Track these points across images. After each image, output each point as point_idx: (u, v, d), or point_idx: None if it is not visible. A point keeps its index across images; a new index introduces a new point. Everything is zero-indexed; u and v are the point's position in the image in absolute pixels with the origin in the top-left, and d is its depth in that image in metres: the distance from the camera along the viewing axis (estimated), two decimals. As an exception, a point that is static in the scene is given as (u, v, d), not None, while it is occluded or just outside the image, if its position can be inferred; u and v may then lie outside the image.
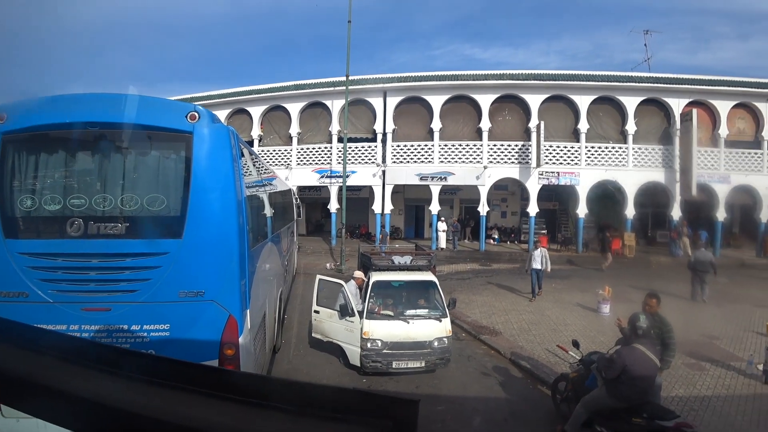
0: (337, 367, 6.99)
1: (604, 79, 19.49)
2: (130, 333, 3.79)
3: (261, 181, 6.76)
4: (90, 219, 3.75)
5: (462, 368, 7.22)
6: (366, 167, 20.48)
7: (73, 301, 3.70)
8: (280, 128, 21.97)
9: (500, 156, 19.88)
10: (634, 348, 4.49)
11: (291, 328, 8.75)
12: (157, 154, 4.13)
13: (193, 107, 4.04)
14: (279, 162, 21.37)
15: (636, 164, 19.61)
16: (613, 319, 9.50)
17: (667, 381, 5.88)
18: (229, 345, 3.92)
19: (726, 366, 7.17)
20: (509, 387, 6.57)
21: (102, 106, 3.89)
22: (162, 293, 3.80)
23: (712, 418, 5.52)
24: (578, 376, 5.42)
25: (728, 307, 11.00)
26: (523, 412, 5.86)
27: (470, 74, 20.28)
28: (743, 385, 6.51)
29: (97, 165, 4.03)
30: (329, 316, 7.00)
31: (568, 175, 19.54)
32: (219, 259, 3.99)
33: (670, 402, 5.53)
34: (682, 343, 6.58)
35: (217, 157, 4.06)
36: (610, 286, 10.94)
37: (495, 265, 17.67)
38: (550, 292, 12.42)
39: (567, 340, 6.91)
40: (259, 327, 4.98)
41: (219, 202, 4.02)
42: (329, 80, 21.10)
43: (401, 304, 7.18)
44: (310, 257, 17.66)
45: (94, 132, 3.87)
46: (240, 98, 22.16)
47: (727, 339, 8.54)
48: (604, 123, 19.88)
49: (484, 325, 9.37)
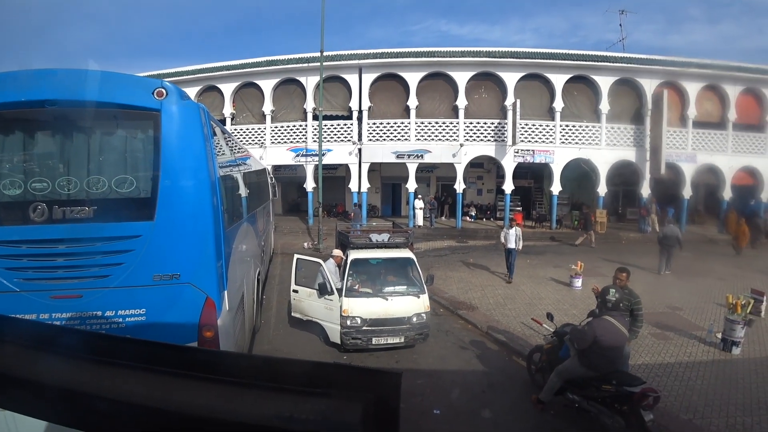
0: (317, 345, 7.04)
1: (580, 59, 19.71)
2: (104, 319, 3.67)
3: (235, 161, 6.58)
4: (54, 203, 3.56)
5: (440, 343, 7.38)
6: (342, 145, 20.24)
7: (41, 290, 3.54)
8: (253, 106, 21.34)
9: (476, 134, 19.95)
10: (604, 320, 4.70)
11: (270, 308, 8.73)
12: (124, 134, 3.94)
13: (160, 83, 3.84)
14: (253, 141, 20.84)
15: (609, 143, 20.05)
16: (585, 293, 9.89)
17: (634, 350, 6.18)
18: (207, 327, 3.87)
19: (688, 335, 7.60)
20: (486, 359, 6.77)
21: (61, 83, 3.64)
22: (136, 277, 3.69)
23: (675, 383, 5.87)
24: (552, 347, 5.64)
25: (692, 280, 11.57)
26: (499, 383, 6.07)
27: (447, 51, 20.09)
28: (703, 353, 6.93)
29: (59, 146, 3.80)
30: (308, 295, 7.00)
31: (543, 153, 19.83)
32: (194, 240, 3.89)
33: (636, 369, 5.83)
34: (648, 314, 6.93)
35: (188, 136, 3.90)
36: (583, 261, 11.32)
37: (471, 241, 17.96)
38: (524, 267, 12.75)
39: (541, 313, 7.14)
40: (237, 308, 4.93)
41: (191, 183, 3.88)
42: (303, 56, 20.51)
43: (380, 282, 7.24)
44: (288, 237, 17.52)
45: (54, 110, 3.63)
46: (210, 75, 21.32)
47: (690, 310, 9.02)
48: (579, 102, 20.16)
49: (461, 300, 9.57)
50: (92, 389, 0.54)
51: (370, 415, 0.51)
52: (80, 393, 0.54)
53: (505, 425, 5.06)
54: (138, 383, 0.58)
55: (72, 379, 0.57)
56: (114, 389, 0.56)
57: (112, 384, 0.57)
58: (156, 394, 0.55)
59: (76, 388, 0.54)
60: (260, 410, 0.51)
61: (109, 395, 0.55)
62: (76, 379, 0.56)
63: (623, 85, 20.05)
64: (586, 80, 19.89)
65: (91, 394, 0.54)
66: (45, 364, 0.61)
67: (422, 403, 5.39)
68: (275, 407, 0.51)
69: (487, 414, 5.29)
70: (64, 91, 3.61)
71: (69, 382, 0.56)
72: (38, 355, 0.63)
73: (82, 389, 0.55)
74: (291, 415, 0.49)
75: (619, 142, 20.14)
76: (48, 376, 0.58)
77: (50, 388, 0.56)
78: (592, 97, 20.13)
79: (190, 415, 0.51)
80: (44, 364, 0.61)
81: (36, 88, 3.59)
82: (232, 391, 0.55)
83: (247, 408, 0.52)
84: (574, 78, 19.71)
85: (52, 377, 0.57)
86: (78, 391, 0.54)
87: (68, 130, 3.77)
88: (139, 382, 0.58)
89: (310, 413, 0.49)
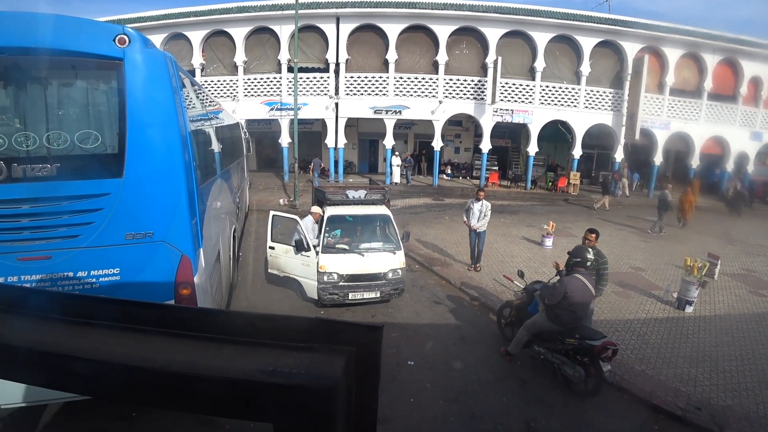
0: (294, 301, 7.15)
1: (565, 17, 19.31)
2: (77, 280, 3.59)
3: (206, 114, 6.32)
4: (13, 161, 3.35)
5: (415, 298, 7.61)
6: (318, 99, 19.64)
7: (6, 252, 3.41)
8: (224, 56, 20.22)
9: (456, 91, 19.68)
10: (574, 277, 4.93)
11: (247, 265, 8.73)
12: (84, 85, 3.68)
13: (122, 29, 3.56)
14: (225, 93, 19.96)
15: (587, 106, 20.16)
16: (555, 252, 10.27)
17: (598, 307, 6.55)
18: (184, 285, 3.85)
19: (648, 294, 8.10)
20: (459, 314, 7.05)
21: (11, 29, 3.29)
22: (107, 236, 3.59)
23: (632, 338, 6.33)
24: (521, 303, 5.91)
25: (655, 243, 12.15)
26: (471, 336, 6.37)
27: (429, 2, 19.33)
28: (660, 310, 7.42)
29: (13, 99, 3.52)
30: (285, 252, 7.01)
31: (522, 113, 19.82)
32: (166, 198, 3.78)
33: (598, 325, 6.21)
34: (613, 274, 7.30)
35: (155, 88, 3.69)
36: (555, 221, 11.67)
37: (447, 199, 18.17)
38: (498, 226, 13.05)
39: (513, 271, 7.42)
40: (213, 265, 4.90)
41: (160, 137, 3.72)
42: (277, 2, 19.37)
43: (356, 238, 7.31)
44: (263, 193, 17.27)
45: (4, 59, 3.34)
46: (177, 21, 19.91)
47: (652, 271, 9.57)
48: (560, 63, 19.99)
49: (436, 257, 9.81)
50: (69, 350, 0.54)
51: (352, 367, 0.52)
52: (57, 354, 0.53)
53: (476, 375, 5.35)
54: (117, 343, 0.57)
55: (47, 341, 0.56)
56: (92, 350, 0.55)
57: (89, 344, 0.56)
58: (136, 353, 0.55)
59: (52, 349, 0.54)
60: (242, 365, 0.52)
61: (87, 356, 0.54)
62: (52, 340, 0.55)
63: (605, 48, 19.93)
64: (569, 41, 19.65)
65: (68, 355, 0.53)
66: (18, 327, 0.60)
67: (397, 355, 5.63)
68: (258, 362, 0.52)
69: (459, 365, 5.57)
70: (14, 37, 3.28)
71: (44, 344, 0.55)
72: (9, 317, 0.61)
73: (58, 350, 0.54)
74: (274, 369, 0.50)
75: (597, 105, 20.27)
76: (22, 339, 0.56)
77: (24, 350, 0.55)
78: (573, 58, 19.97)
79: (173, 371, 0.51)
80: (17, 326, 0.60)
81: None
82: (214, 347, 0.55)
83: (229, 363, 0.53)
84: (557, 38, 19.44)
85: (26, 339, 0.56)
86: (55, 353, 0.53)
87: (22, 82, 3.49)
88: (118, 341, 0.58)
89: (293, 366, 0.50)
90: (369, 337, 0.55)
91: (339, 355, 0.52)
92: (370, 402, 0.57)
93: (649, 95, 19.98)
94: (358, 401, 0.54)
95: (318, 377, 0.49)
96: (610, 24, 19.59)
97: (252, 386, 0.50)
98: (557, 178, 21.52)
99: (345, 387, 0.51)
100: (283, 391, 0.49)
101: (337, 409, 0.50)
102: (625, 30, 19.50)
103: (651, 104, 20.24)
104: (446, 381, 5.22)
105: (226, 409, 0.51)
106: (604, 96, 20.28)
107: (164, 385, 0.52)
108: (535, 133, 19.94)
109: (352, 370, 0.53)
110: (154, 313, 0.65)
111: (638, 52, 19.69)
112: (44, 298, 0.71)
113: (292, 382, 0.49)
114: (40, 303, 0.68)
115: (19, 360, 0.55)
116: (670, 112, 20.65)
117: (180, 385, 0.52)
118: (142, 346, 0.56)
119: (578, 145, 20.18)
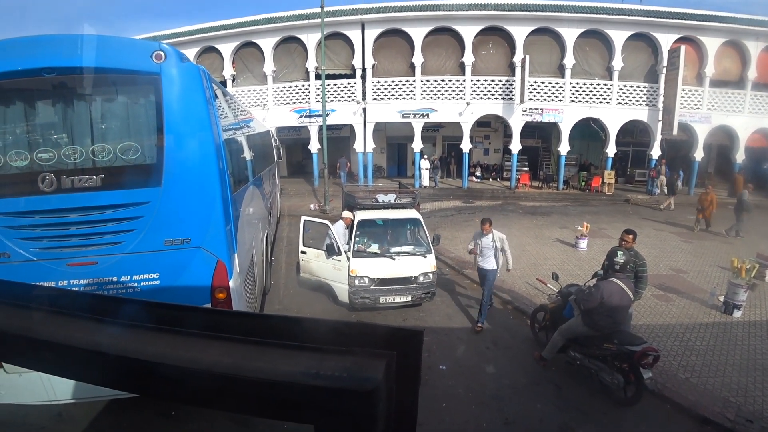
0: (326, 305, 7.23)
1: (593, 11, 18.75)
2: (120, 284, 3.78)
3: (238, 123, 6.50)
4: (62, 173, 3.58)
5: (446, 301, 7.55)
6: (346, 105, 19.86)
7: (57, 258, 3.63)
8: (253, 66, 20.81)
9: (483, 92, 19.44)
10: (611, 282, 4.74)
11: (279, 269, 8.91)
12: (125, 99, 3.88)
13: (159, 46, 3.73)
14: (255, 102, 20.50)
15: (620, 102, 19.44)
16: (590, 254, 9.96)
17: (637, 311, 6.29)
18: (219, 289, 3.97)
19: (691, 297, 7.70)
20: (491, 318, 6.93)
21: (58, 49, 3.53)
22: (147, 242, 3.76)
23: (675, 344, 6.02)
24: (556, 306, 5.75)
25: (698, 243, 11.57)
26: (504, 341, 6.25)
27: (453, 4, 19.22)
28: (705, 315, 7.03)
29: (61, 115, 3.76)
30: (316, 256, 7.11)
31: (552, 111, 19.37)
32: (202, 205, 3.92)
33: (638, 330, 5.97)
34: (653, 277, 6.99)
35: (190, 100, 3.84)
36: (589, 222, 11.32)
37: (477, 202, 17.95)
38: (530, 228, 12.78)
39: (546, 273, 7.24)
40: (248, 270, 5.03)
41: (196, 147, 3.87)
42: (303, 12, 19.81)
43: (387, 242, 7.33)
44: (294, 199, 17.58)
45: (52, 79, 3.56)
46: (208, 35, 20.67)
47: (694, 273, 9.09)
48: (590, 58, 19.39)
49: (468, 260, 9.67)
50: (122, 351, 0.56)
51: (393, 370, 0.53)
52: (102, 353, 0.57)
53: (509, 380, 5.25)
54: (167, 345, 0.60)
55: (92, 341, 0.59)
56: (140, 351, 0.58)
57: (141, 346, 0.59)
58: (184, 355, 0.57)
59: (100, 349, 0.57)
60: (286, 367, 0.53)
61: (139, 356, 0.57)
62: (97, 340, 0.59)
63: (638, 40, 19.16)
64: (598, 35, 19.04)
65: (122, 356, 0.56)
66: (74, 328, 0.63)
67: (429, 359, 5.59)
68: (300, 364, 0.53)
69: (491, 369, 5.48)
70: (61, 57, 3.52)
71: (91, 343, 0.58)
72: (68, 320, 0.65)
73: (107, 350, 0.57)
74: (317, 372, 0.51)
75: (630, 100, 19.51)
76: (78, 340, 0.60)
77: (80, 350, 0.58)
78: (604, 53, 19.34)
79: (219, 373, 0.53)
80: (74, 327, 0.64)
81: (33, 55, 3.49)
82: (258, 350, 0.57)
83: (273, 365, 0.54)
84: (587, 33, 18.86)
85: (82, 340, 0.60)
86: (101, 352, 0.57)
87: (69, 98, 3.71)
88: (166, 343, 0.60)
89: (335, 369, 0.51)
90: (409, 341, 0.55)
91: (380, 358, 0.53)
92: (411, 405, 0.57)
93: (687, 88, 19.02)
94: (398, 404, 0.55)
95: (359, 380, 0.50)
96: (642, 15, 18.83)
97: (295, 388, 0.51)
98: (590, 177, 20.87)
99: (386, 390, 0.51)
100: (325, 394, 0.50)
101: (378, 411, 0.50)
102: (658, 21, 18.69)
103: (689, 97, 19.27)
104: (479, 386, 5.14)
105: (269, 410, 0.52)
106: (638, 91, 19.49)
107: (210, 386, 0.54)
108: (566, 132, 19.42)
109: (392, 373, 0.53)
110: (200, 316, 0.67)
111: (674, 43, 18.74)
112: (89, 300, 0.75)
113: (334, 385, 0.49)
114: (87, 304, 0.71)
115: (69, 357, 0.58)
116: (710, 104, 19.54)
117: (225, 385, 0.53)
118: (190, 348, 0.58)
119: (612, 142, 19.49)
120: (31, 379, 3.69)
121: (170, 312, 0.68)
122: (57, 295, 0.80)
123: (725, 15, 19.21)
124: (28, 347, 0.61)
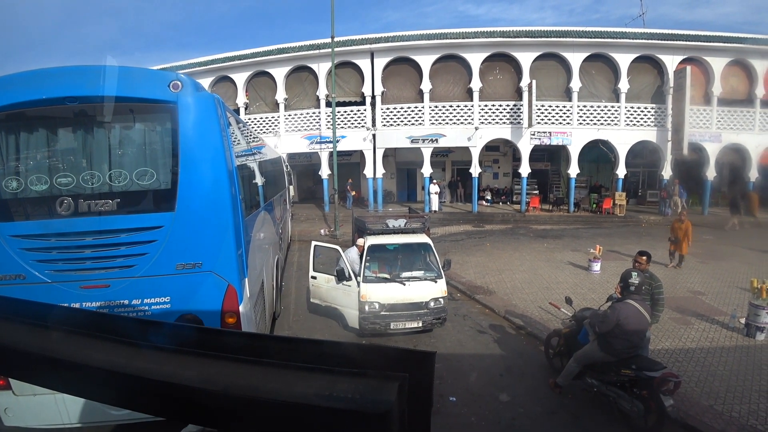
0: (336, 330, 7.16)
1: (598, 36, 19.09)
2: (131, 307, 3.82)
3: (250, 150, 6.64)
4: (79, 197, 3.69)
5: (458, 327, 7.42)
6: (356, 131, 20.19)
7: (71, 280, 3.69)
8: (266, 95, 21.40)
9: (491, 116, 19.65)
10: (627, 304, 4.62)
11: (289, 294, 8.89)
12: (142, 127, 4.01)
13: (176, 76, 3.89)
14: (267, 129, 20.96)
15: (628, 123, 19.50)
16: (603, 277, 9.79)
17: (654, 334, 6.11)
18: (230, 314, 3.98)
19: (710, 320, 7.47)
20: (504, 344, 6.79)
21: (80, 80, 3.71)
22: (160, 266, 3.80)
23: (696, 369, 5.80)
24: (570, 331, 5.62)
25: (714, 264, 11.31)
26: (517, 367, 6.10)
27: (460, 32, 19.73)
28: (726, 338, 6.81)
29: (81, 141, 3.90)
30: (326, 281, 7.09)
31: (560, 134, 19.45)
32: (214, 230, 3.97)
33: (657, 354, 5.79)
34: (669, 299, 6.82)
35: (205, 127, 3.96)
36: (601, 245, 11.16)
37: (488, 226, 17.86)
38: (542, 251, 12.64)
39: (559, 297, 7.11)
40: (258, 295, 5.04)
41: (210, 173, 3.95)
42: (314, 42, 20.42)
43: (397, 267, 7.29)
44: (304, 224, 17.69)
45: (74, 107, 3.72)
46: (223, 65, 21.42)
47: (713, 294, 8.85)
48: (597, 81, 19.61)
49: (479, 285, 9.58)
50: (138, 371, 0.58)
51: (405, 392, 0.53)
52: (116, 373, 0.58)
53: (523, 408, 5.09)
54: (180, 366, 0.61)
55: (112, 361, 0.60)
56: (159, 371, 0.59)
57: (158, 366, 0.60)
58: (199, 376, 0.58)
59: (126, 371, 0.58)
60: (300, 389, 0.53)
61: (153, 376, 0.58)
62: (116, 361, 0.60)
63: (643, 62, 19.37)
64: (604, 58, 19.30)
65: (138, 376, 0.57)
66: (90, 348, 0.65)
67: (440, 387, 5.46)
68: (314, 386, 0.53)
69: (505, 397, 5.33)
70: (84, 87, 3.69)
71: (111, 364, 0.60)
72: (84, 340, 0.67)
73: (120, 370, 0.58)
74: (330, 393, 0.51)
75: (639, 121, 19.57)
76: (94, 359, 0.61)
77: (96, 370, 0.60)
78: (610, 75, 19.55)
79: (233, 394, 0.54)
80: (90, 348, 0.65)
81: (57, 85, 3.67)
82: (272, 372, 0.58)
83: (287, 387, 0.55)
84: (592, 56, 19.14)
85: (98, 360, 0.61)
86: (114, 371, 0.58)
87: (89, 126, 3.86)
88: (181, 364, 0.61)
89: (348, 391, 0.52)
90: (422, 363, 0.56)
91: (392, 380, 0.53)
92: (423, 428, 0.57)
93: (695, 107, 19.02)
94: (411, 427, 0.55)
95: (372, 402, 0.50)
96: (646, 38, 19.12)
97: (309, 410, 0.51)
98: (601, 199, 20.73)
99: (399, 412, 0.51)
100: (338, 415, 0.50)
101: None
102: (662, 43, 18.93)
103: (698, 117, 19.24)
104: (492, 414, 4.99)
105: (284, 431, 0.53)
106: (645, 112, 19.56)
107: (226, 407, 0.55)
108: (575, 155, 19.45)
109: (405, 395, 0.53)
110: (216, 338, 0.68)
111: (679, 63, 18.93)
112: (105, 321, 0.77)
113: (347, 407, 0.50)
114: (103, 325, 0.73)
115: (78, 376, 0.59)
116: (719, 123, 19.50)
117: (240, 407, 0.54)
118: (205, 370, 0.59)
119: (621, 164, 19.43)
120: (44, 402, 3.69)
121: (186, 333, 0.70)
122: (72, 315, 0.82)
123: (728, 35, 19.38)
124: (44, 367, 0.62)
